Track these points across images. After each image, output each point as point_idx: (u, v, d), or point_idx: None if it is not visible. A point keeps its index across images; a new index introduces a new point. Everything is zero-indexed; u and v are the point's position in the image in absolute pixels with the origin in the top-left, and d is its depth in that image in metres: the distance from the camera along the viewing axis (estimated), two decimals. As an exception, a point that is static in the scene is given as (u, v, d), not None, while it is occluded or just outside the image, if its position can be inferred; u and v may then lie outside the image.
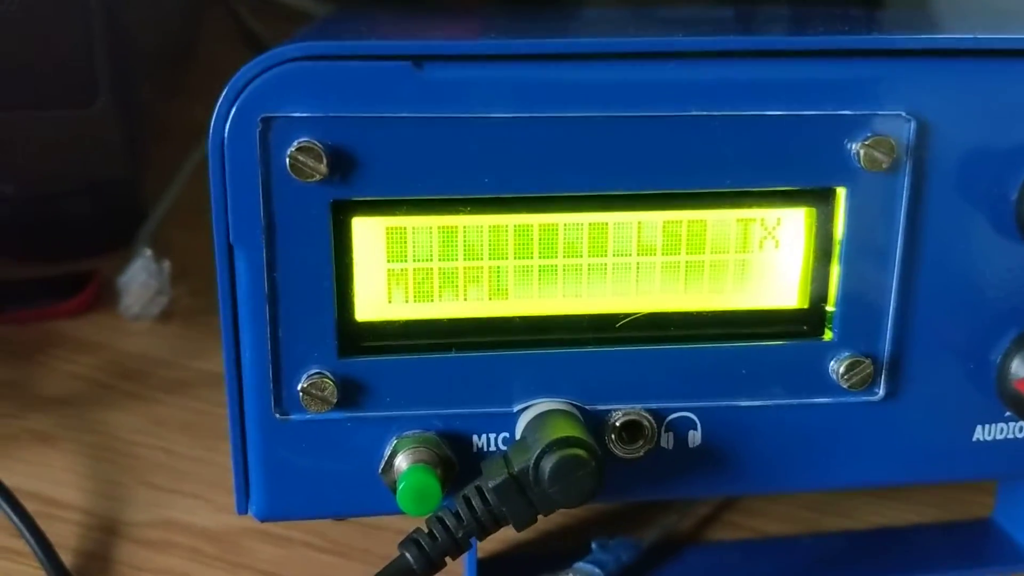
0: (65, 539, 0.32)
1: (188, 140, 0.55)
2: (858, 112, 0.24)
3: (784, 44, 0.24)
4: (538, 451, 0.23)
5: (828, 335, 0.26)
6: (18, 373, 0.41)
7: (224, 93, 0.23)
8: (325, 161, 0.23)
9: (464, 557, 0.29)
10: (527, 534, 0.33)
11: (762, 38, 0.24)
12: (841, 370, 0.26)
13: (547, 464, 0.23)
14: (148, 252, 0.44)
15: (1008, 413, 0.27)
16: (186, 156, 0.54)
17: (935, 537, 0.33)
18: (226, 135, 0.23)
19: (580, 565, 0.30)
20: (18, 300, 0.44)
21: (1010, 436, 0.27)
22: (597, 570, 0.30)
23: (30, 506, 0.32)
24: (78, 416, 0.39)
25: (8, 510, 0.31)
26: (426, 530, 0.24)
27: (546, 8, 0.35)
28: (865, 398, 0.26)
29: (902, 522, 0.34)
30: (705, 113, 0.24)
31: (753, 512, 0.34)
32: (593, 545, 0.31)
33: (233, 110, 0.23)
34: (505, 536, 0.33)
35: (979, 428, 0.27)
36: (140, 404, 0.39)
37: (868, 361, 0.26)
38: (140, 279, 0.44)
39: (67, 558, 0.31)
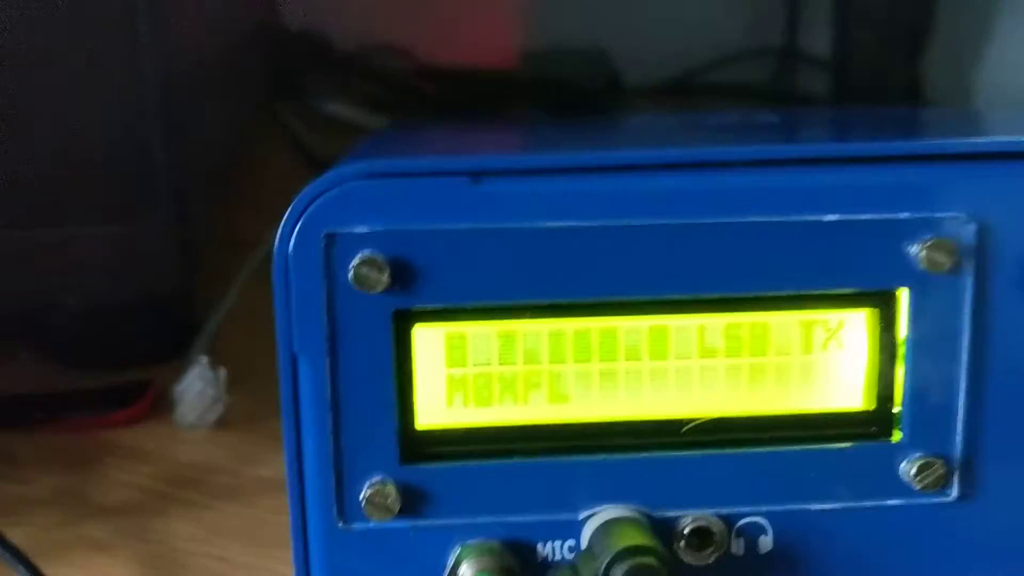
0: (121, 651, 0.32)
1: (238, 248, 0.56)
2: (917, 215, 0.24)
3: (840, 151, 0.25)
4: (607, 560, 0.23)
5: (897, 436, 0.26)
6: (74, 482, 0.41)
7: (288, 211, 0.24)
8: (387, 272, 0.24)
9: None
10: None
11: (818, 146, 0.24)
12: (913, 471, 0.25)
13: (617, 573, 0.23)
14: (204, 360, 0.45)
15: (1088, 511, 0.26)
16: (238, 264, 0.55)
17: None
18: (291, 251, 0.24)
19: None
20: (75, 409, 0.45)
21: (1092, 535, 0.27)
22: None
23: (88, 619, 0.32)
24: (133, 524, 0.39)
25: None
26: (493, 643, 0.24)
27: (589, 116, 0.36)
28: (939, 499, 0.26)
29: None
30: (764, 219, 0.24)
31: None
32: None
33: (297, 227, 0.24)
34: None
35: (1058, 530, 0.27)
36: (195, 512, 0.39)
37: (940, 462, 0.25)
38: (196, 388, 0.44)
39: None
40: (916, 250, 0.24)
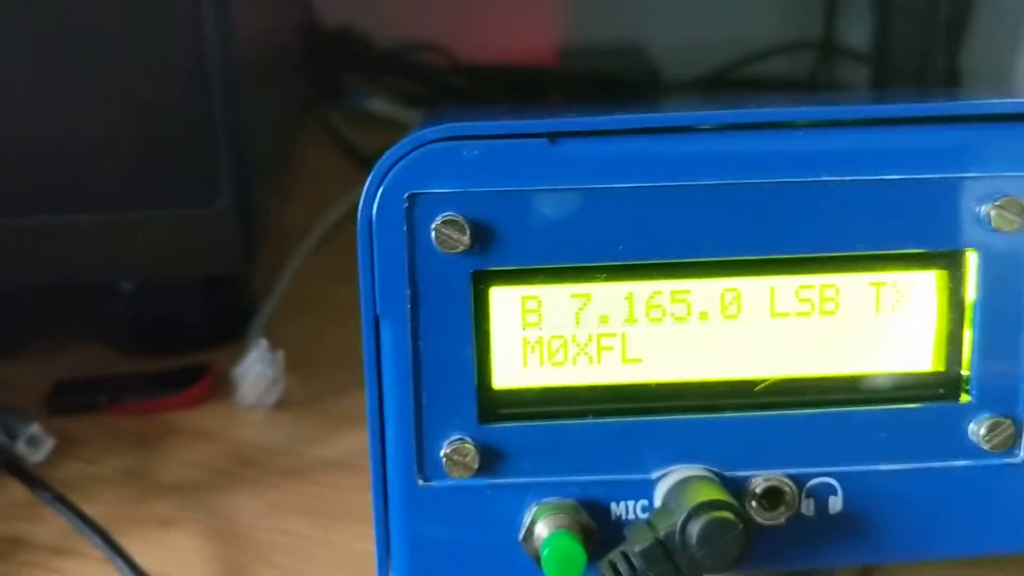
0: (193, 618, 0.33)
1: (289, 239, 0.57)
2: (986, 174, 0.25)
3: (909, 111, 0.25)
4: (684, 515, 0.24)
5: (965, 397, 0.26)
6: (138, 462, 0.42)
7: (372, 174, 0.24)
8: (468, 233, 0.24)
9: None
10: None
11: (886, 106, 0.25)
12: (981, 431, 0.26)
13: (694, 527, 0.23)
14: (264, 343, 0.46)
15: None
16: (286, 254, 0.56)
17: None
18: (374, 213, 0.24)
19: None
20: (137, 392, 0.46)
21: None
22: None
23: (158, 586, 0.32)
24: (198, 501, 0.39)
25: (140, 590, 0.32)
26: (574, 596, 0.24)
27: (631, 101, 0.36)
28: (1007, 460, 0.26)
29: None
30: (835, 179, 0.25)
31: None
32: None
33: (381, 189, 0.24)
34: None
35: None
36: (258, 489, 0.40)
37: (1009, 422, 0.26)
38: (256, 370, 0.45)
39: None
40: (985, 209, 0.25)
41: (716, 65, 0.84)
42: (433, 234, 0.24)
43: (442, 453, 0.25)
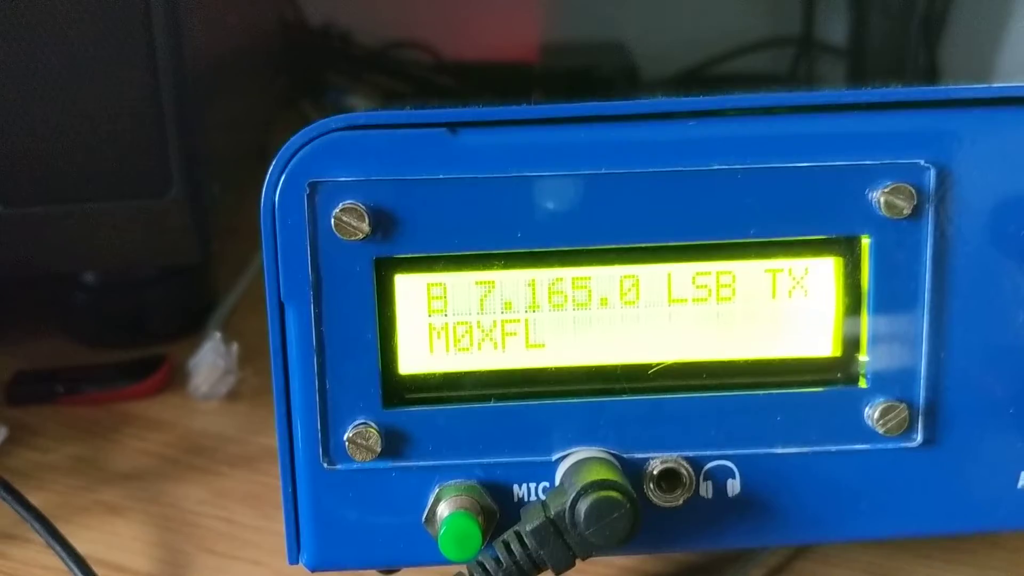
0: (131, 603, 0.34)
1: (257, 236, 0.58)
2: (877, 161, 0.25)
3: (799, 100, 0.25)
4: (574, 494, 0.24)
5: (862, 382, 0.26)
6: (91, 450, 0.43)
7: (274, 161, 0.25)
8: (367, 221, 0.25)
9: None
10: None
11: (777, 96, 0.25)
12: (876, 415, 0.26)
13: (582, 506, 0.24)
14: (217, 335, 0.47)
15: (1054, 459, 0.27)
16: (256, 250, 0.57)
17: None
18: (277, 199, 0.25)
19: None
20: (94, 382, 0.47)
21: (1058, 483, 0.27)
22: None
23: (100, 572, 0.33)
24: (146, 489, 0.40)
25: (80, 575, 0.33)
26: (467, 575, 0.25)
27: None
28: (903, 444, 0.27)
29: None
30: (727, 167, 0.25)
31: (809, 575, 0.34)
32: (643, 605, 0.31)
33: (283, 176, 0.25)
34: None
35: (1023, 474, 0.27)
36: (205, 477, 0.41)
37: (903, 406, 0.26)
38: (209, 360, 0.46)
39: (133, 621, 0.32)
40: (876, 195, 0.25)
41: (696, 62, 0.84)
42: (333, 222, 0.25)
43: (345, 437, 0.26)
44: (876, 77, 0.79)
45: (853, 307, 0.26)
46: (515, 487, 0.27)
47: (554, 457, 0.26)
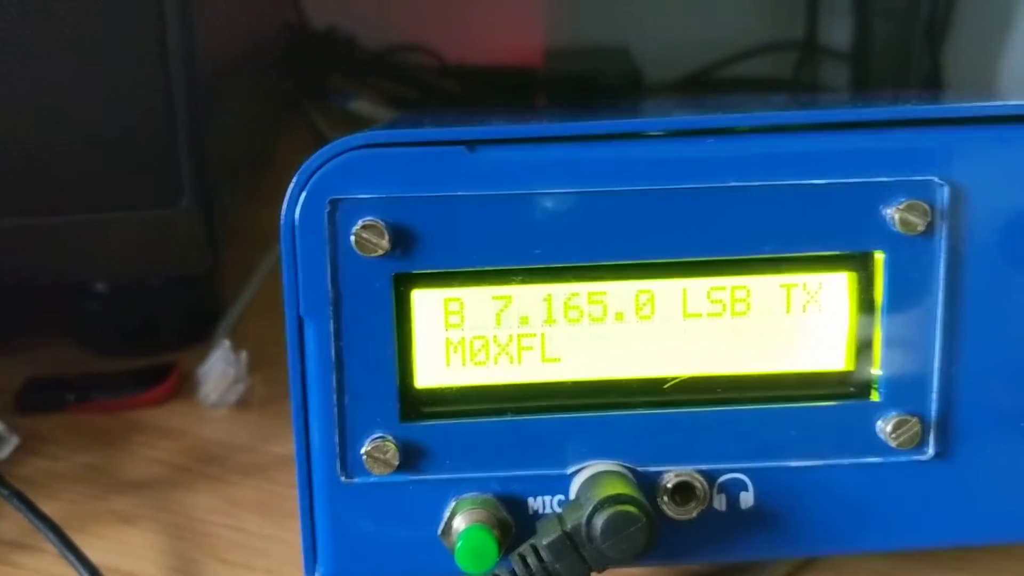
0: (144, 611, 0.34)
1: (265, 241, 0.58)
2: (891, 178, 0.25)
3: (815, 118, 0.26)
4: (590, 508, 0.24)
5: (875, 396, 0.27)
6: (102, 459, 0.43)
7: (295, 179, 0.25)
8: (387, 237, 0.25)
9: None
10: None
11: (792, 113, 0.25)
12: (889, 429, 0.26)
13: (599, 520, 0.24)
14: (227, 343, 0.47)
15: (1064, 472, 0.27)
16: (263, 256, 0.57)
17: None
18: (297, 217, 0.25)
19: (641, 634, 0.30)
20: (104, 390, 0.47)
21: (1069, 495, 0.27)
22: (658, 639, 0.30)
23: (112, 580, 0.33)
24: (157, 497, 0.40)
25: (92, 584, 0.33)
26: (484, 588, 0.25)
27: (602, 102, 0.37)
28: (916, 457, 0.27)
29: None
30: (742, 184, 0.25)
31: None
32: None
33: (303, 194, 0.25)
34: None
35: (1035, 488, 0.27)
36: (216, 486, 0.41)
37: (916, 420, 0.26)
38: (219, 368, 0.46)
39: (146, 629, 0.32)
40: (890, 212, 0.25)
41: (699, 66, 0.84)
42: (353, 239, 0.25)
43: (363, 451, 0.26)
44: (879, 82, 0.79)
45: (867, 322, 0.26)
46: (530, 500, 0.27)
47: (569, 470, 0.27)
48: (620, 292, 0.26)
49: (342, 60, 0.86)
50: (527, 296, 0.26)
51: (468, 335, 0.26)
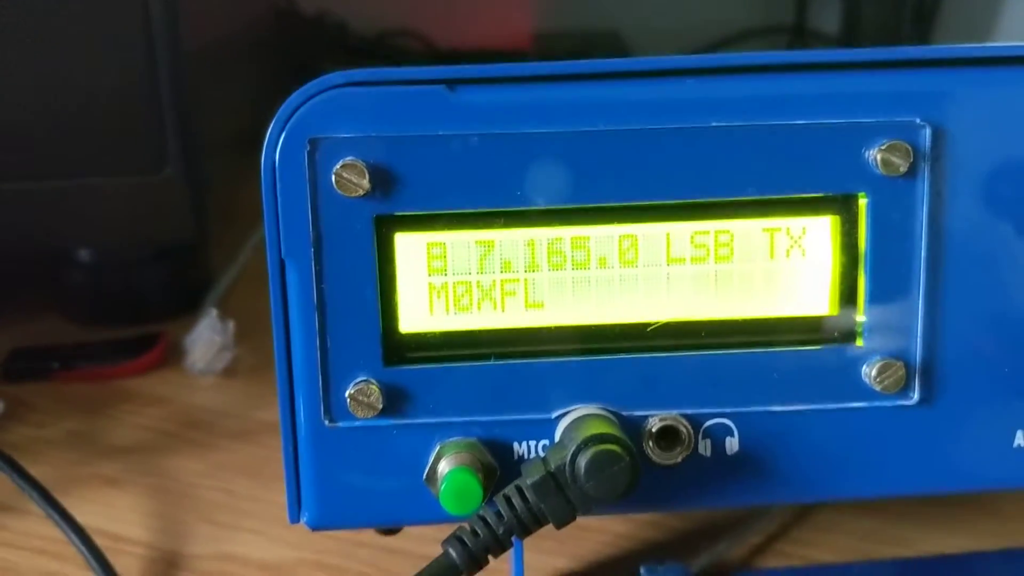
0: (130, 571, 0.34)
1: (255, 217, 0.58)
2: (874, 120, 0.25)
3: (798, 59, 0.26)
4: (574, 448, 0.24)
5: (859, 340, 0.27)
6: (89, 425, 0.43)
7: (275, 118, 0.25)
8: (367, 177, 0.25)
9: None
10: (572, 562, 0.33)
11: (775, 54, 0.25)
12: (873, 373, 0.26)
13: (582, 460, 0.24)
14: (214, 312, 0.47)
15: (1048, 418, 0.27)
16: (252, 232, 0.57)
17: (992, 564, 0.33)
18: (277, 157, 0.25)
19: (627, 587, 0.30)
20: (92, 359, 0.47)
21: (1052, 442, 0.27)
22: (645, 592, 0.30)
23: (99, 541, 0.33)
24: (144, 462, 0.40)
25: (79, 544, 0.33)
26: (469, 529, 0.25)
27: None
28: (900, 402, 0.27)
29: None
30: (725, 124, 0.25)
31: (805, 542, 0.34)
32: (642, 570, 0.31)
33: (283, 134, 0.25)
34: (550, 564, 0.33)
35: (1019, 433, 0.27)
36: (203, 451, 0.41)
37: (900, 364, 0.26)
38: (205, 336, 0.46)
39: (131, 588, 0.32)
40: (872, 153, 0.25)
41: (689, 50, 0.84)
42: (333, 178, 0.25)
43: (347, 394, 0.26)
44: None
45: (850, 266, 0.26)
46: (515, 445, 0.27)
47: (554, 415, 0.26)
48: (603, 237, 0.26)
49: (332, 46, 0.86)
50: (510, 241, 0.26)
51: (451, 280, 0.26)
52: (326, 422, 0.26)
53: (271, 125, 0.25)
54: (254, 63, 0.68)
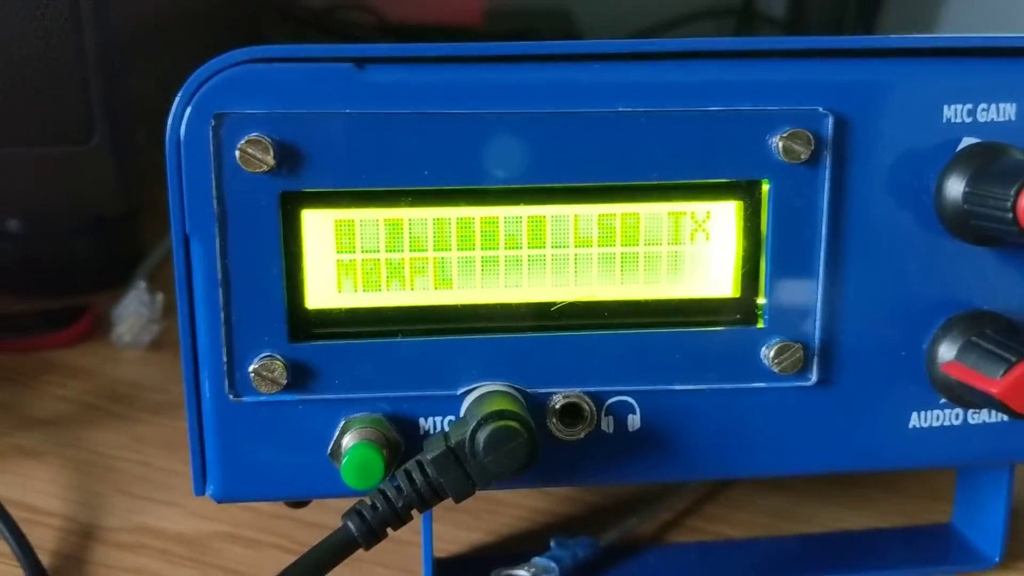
0: (44, 542, 0.33)
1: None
2: (777, 107, 0.26)
3: (705, 46, 0.26)
4: (474, 424, 0.25)
5: (760, 323, 0.27)
6: (10, 397, 0.43)
7: (180, 93, 0.25)
8: (272, 153, 0.25)
9: (421, 557, 0.30)
10: (486, 536, 0.34)
11: (681, 41, 0.26)
12: (772, 355, 0.27)
13: (481, 435, 0.24)
14: (143, 285, 0.46)
15: (943, 400, 0.28)
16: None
17: (893, 541, 0.34)
18: (182, 131, 0.25)
19: (537, 560, 0.31)
20: (16, 330, 0.46)
21: (946, 423, 0.28)
22: (553, 565, 0.30)
23: (13, 512, 0.33)
24: (63, 434, 0.40)
25: (-8, 515, 0.33)
26: (369, 502, 0.25)
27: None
28: (798, 383, 0.27)
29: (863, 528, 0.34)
30: (631, 110, 0.26)
31: (715, 518, 0.35)
32: (552, 543, 0.31)
33: (189, 108, 0.25)
34: (465, 538, 0.34)
35: (915, 415, 0.28)
36: (124, 424, 0.41)
37: (798, 346, 0.27)
38: (133, 309, 0.45)
39: (46, 559, 0.32)
40: (775, 141, 0.26)
41: (638, 30, 0.84)
42: (238, 154, 0.25)
43: (250, 369, 0.26)
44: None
45: (753, 250, 0.27)
46: (421, 421, 0.27)
47: (459, 392, 0.27)
48: (512, 218, 0.26)
49: (281, 17, 0.85)
50: (419, 220, 0.26)
51: (360, 258, 0.26)
52: (230, 397, 0.26)
53: (176, 99, 0.25)
54: (196, 34, 0.67)
